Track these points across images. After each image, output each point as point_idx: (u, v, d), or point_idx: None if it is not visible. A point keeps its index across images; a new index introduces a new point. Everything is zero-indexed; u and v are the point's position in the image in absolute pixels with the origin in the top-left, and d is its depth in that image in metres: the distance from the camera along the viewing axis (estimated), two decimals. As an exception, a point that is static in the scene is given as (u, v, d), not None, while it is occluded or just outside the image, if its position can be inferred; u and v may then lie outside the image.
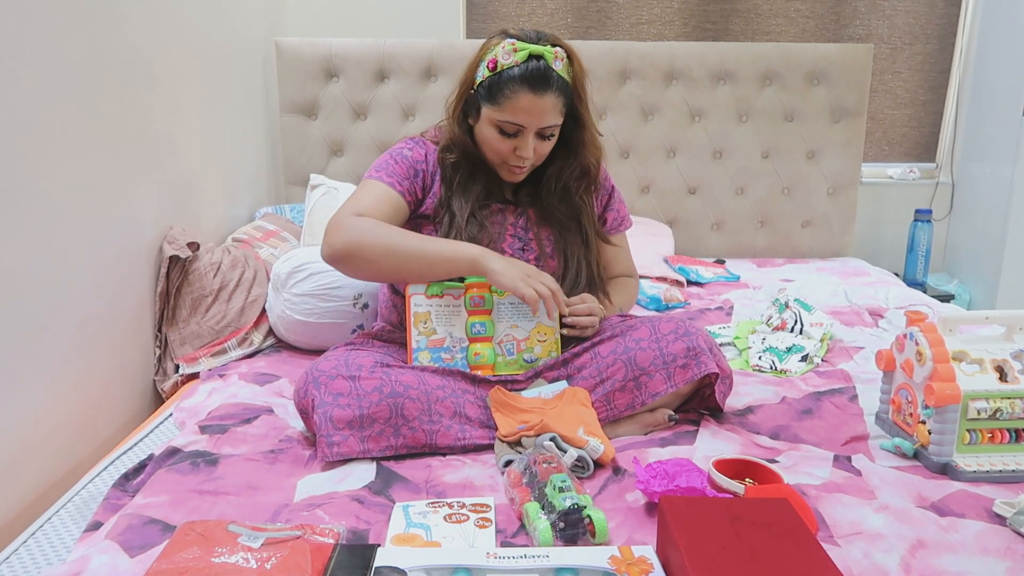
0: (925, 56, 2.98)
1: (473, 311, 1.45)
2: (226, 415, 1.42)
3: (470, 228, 1.47)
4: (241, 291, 1.83)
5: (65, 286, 1.40)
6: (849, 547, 1.02)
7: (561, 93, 1.42)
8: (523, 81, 1.39)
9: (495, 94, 1.42)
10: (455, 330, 1.44)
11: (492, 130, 1.45)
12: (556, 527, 1.01)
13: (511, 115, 1.41)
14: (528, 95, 1.39)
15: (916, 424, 1.30)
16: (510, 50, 1.40)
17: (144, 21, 1.71)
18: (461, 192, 1.50)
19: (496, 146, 1.46)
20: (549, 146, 1.48)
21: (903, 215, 2.97)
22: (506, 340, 1.45)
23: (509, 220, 1.53)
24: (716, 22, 2.92)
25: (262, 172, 2.60)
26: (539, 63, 1.40)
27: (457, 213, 1.48)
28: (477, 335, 1.44)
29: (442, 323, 1.43)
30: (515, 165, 1.47)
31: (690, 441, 1.35)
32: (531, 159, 1.46)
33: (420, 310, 1.43)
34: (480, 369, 1.42)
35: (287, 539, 0.97)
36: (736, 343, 1.87)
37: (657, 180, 2.74)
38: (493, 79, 1.42)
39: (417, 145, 1.54)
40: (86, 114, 1.47)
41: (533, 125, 1.42)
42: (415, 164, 1.51)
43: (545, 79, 1.39)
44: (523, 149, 1.44)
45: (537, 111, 1.41)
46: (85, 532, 1.09)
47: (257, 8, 2.52)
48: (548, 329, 1.46)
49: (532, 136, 1.43)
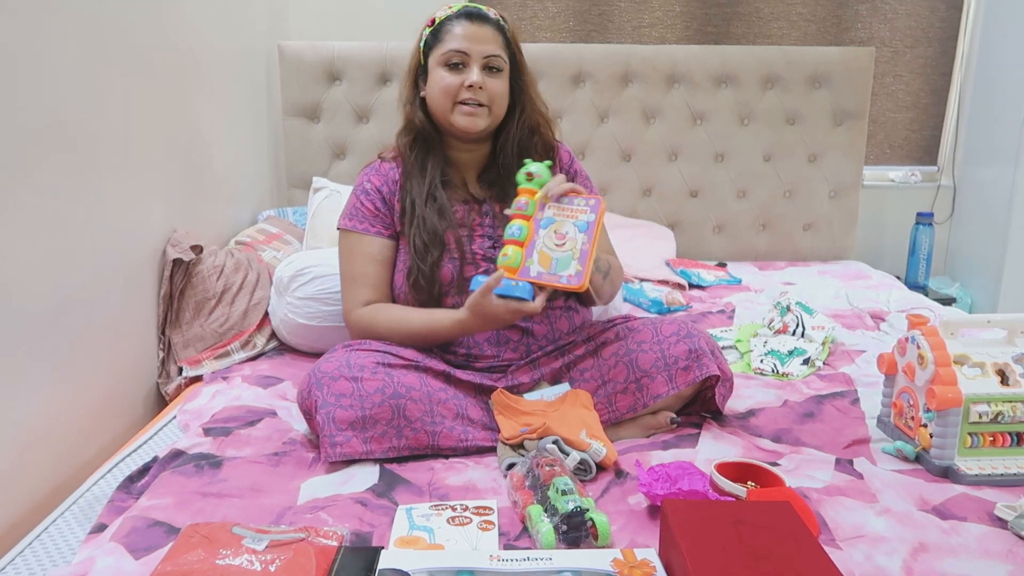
0: (927, 59, 2.98)
1: (515, 214, 1.40)
2: (230, 417, 1.42)
3: (429, 211, 1.47)
4: (244, 294, 1.83)
5: (69, 289, 1.41)
6: (851, 550, 1.03)
7: (499, 31, 1.49)
8: (460, 15, 1.48)
9: (437, 38, 1.48)
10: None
11: (440, 71, 1.46)
12: (559, 530, 1.02)
13: (453, 43, 1.45)
14: (466, 23, 1.46)
15: (918, 427, 1.30)
16: (446, 8, 1.51)
17: (148, 25, 1.72)
18: (418, 173, 1.51)
19: (444, 84, 1.46)
20: (499, 84, 1.47)
21: (905, 218, 2.97)
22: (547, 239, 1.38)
23: (476, 220, 1.52)
24: (718, 25, 2.92)
25: (265, 175, 2.61)
26: (474, 6, 1.50)
27: (416, 200, 1.49)
28: (512, 237, 1.38)
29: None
30: (467, 100, 1.45)
31: (692, 444, 1.35)
32: (481, 88, 1.44)
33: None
34: (505, 269, 1.36)
35: (291, 541, 0.97)
36: (738, 346, 1.87)
37: (659, 183, 2.75)
38: (433, 31, 1.49)
39: (375, 173, 1.56)
40: (90, 117, 1.47)
41: (476, 52, 1.44)
42: (379, 193, 1.53)
43: (480, 13, 1.48)
44: (471, 76, 1.44)
45: (477, 37, 1.45)
46: (90, 534, 1.09)
47: (260, 11, 2.53)
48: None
49: (478, 67, 1.45)
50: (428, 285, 1.45)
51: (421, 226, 1.47)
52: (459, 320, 1.39)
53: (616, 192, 2.73)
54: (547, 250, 1.36)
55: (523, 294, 1.32)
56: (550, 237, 1.37)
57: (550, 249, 1.36)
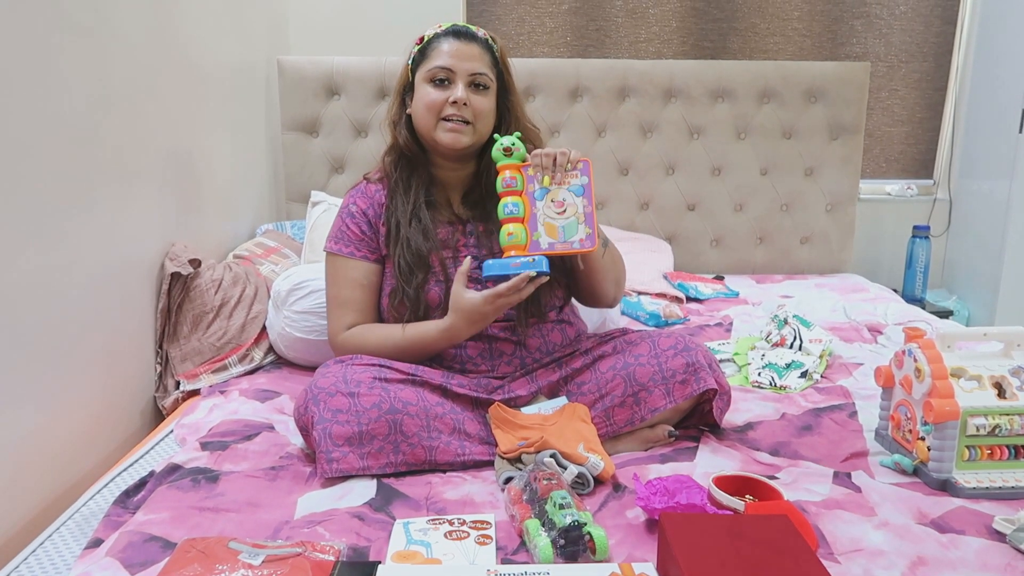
0: (922, 74, 3.00)
1: (506, 192, 1.39)
2: (227, 432, 1.42)
3: (414, 232, 1.47)
4: (242, 308, 1.84)
5: (67, 302, 1.41)
6: (849, 564, 1.02)
7: (486, 49, 1.49)
8: (447, 33, 1.48)
9: (424, 55, 1.48)
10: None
11: (425, 87, 1.46)
12: (556, 544, 1.01)
13: (438, 60, 1.45)
14: (453, 41, 1.47)
15: (915, 440, 1.30)
16: (435, 26, 1.51)
17: (148, 39, 1.73)
18: (403, 192, 1.51)
19: (429, 100, 1.45)
20: (484, 102, 1.47)
21: (901, 231, 2.98)
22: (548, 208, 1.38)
23: (461, 242, 1.52)
24: (714, 40, 2.94)
25: (263, 189, 2.61)
26: (462, 25, 1.51)
27: (401, 220, 1.49)
28: (510, 215, 1.38)
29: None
30: (451, 116, 1.44)
31: (690, 457, 1.35)
32: (465, 104, 1.44)
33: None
34: (513, 249, 1.36)
35: (288, 556, 0.97)
36: (735, 359, 1.87)
37: (656, 197, 2.76)
38: (421, 49, 1.50)
39: (361, 195, 1.56)
40: (89, 130, 1.48)
41: (461, 70, 1.45)
42: (364, 216, 1.53)
43: (468, 32, 1.49)
44: (456, 92, 1.44)
45: (463, 55, 1.45)
46: (86, 549, 1.09)
47: (260, 26, 2.54)
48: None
49: (463, 84, 1.45)
50: (413, 307, 1.46)
51: (406, 247, 1.47)
52: (445, 327, 1.41)
53: (614, 206, 2.75)
54: (550, 220, 1.37)
55: (541, 268, 1.33)
56: (549, 207, 1.37)
57: (552, 218, 1.37)
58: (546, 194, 1.38)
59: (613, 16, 2.90)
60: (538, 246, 1.36)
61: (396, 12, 2.76)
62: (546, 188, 1.37)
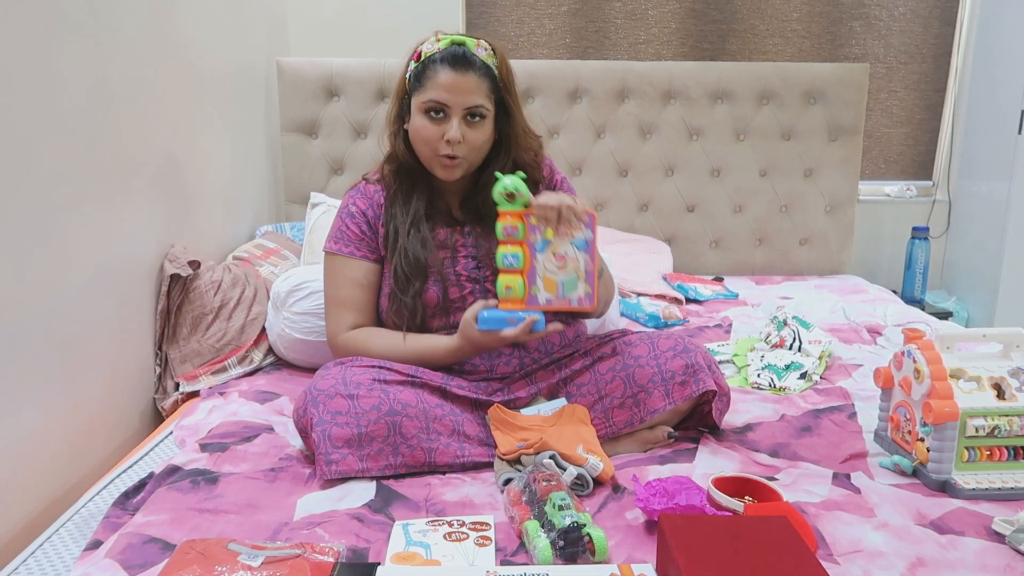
0: (921, 75, 3.01)
1: (505, 241, 1.34)
2: (226, 433, 1.42)
3: (412, 242, 1.47)
4: (241, 309, 1.84)
5: (66, 304, 1.41)
6: (849, 565, 1.02)
7: (484, 76, 1.43)
8: (443, 61, 1.41)
9: (420, 79, 1.43)
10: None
11: (421, 118, 1.43)
12: (556, 545, 1.01)
13: (434, 92, 1.41)
14: (449, 72, 1.40)
15: (915, 442, 1.30)
16: (433, 40, 1.45)
17: (147, 40, 1.73)
18: (402, 202, 1.51)
19: (425, 133, 1.43)
20: (480, 135, 1.44)
21: (900, 233, 2.98)
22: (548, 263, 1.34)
23: (459, 242, 1.51)
24: (713, 42, 2.94)
25: (263, 190, 2.61)
26: (460, 48, 1.42)
27: (399, 229, 1.48)
28: (509, 267, 1.33)
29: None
30: (446, 155, 1.42)
31: (689, 459, 1.35)
32: (460, 142, 1.41)
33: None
34: (510, 303, 1.33)
35: (287, 557, 0.97)
36: (735, 360, 1.87)
37: (655, 198, 2.76)
38: (418, 68, 1.44)
39: (360, 195, 1.55)
40: (88, 132, 1.48)
41: (457, 104, 1.41)
42: (364, 216, 1.53)
43: (465, 59, 1.41)
44: (450, 131, 1.41)
45: (459, 88, 1.40)
46: (85, 551, 1.09)
47: (259, 28, 2.55)
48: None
49: (458, 119, 1.41)
50: (411, 314, 1.46)
51: (403, 256, 1.46)
52: (454, 348, 1.42)
53: (613, 207, 2.75)
54: (550, 274, 1.33)
55: (539, 327, 1.33)
56: (549, 260, 1.33)
57: (552, 272, 1.33)
58: (547, 246, 1.33)
59: (612, 18, 2.90)
60: (536, 301, 1.33)
61: (396, 13, 2.76)
62: (548, 240, 1.33)
